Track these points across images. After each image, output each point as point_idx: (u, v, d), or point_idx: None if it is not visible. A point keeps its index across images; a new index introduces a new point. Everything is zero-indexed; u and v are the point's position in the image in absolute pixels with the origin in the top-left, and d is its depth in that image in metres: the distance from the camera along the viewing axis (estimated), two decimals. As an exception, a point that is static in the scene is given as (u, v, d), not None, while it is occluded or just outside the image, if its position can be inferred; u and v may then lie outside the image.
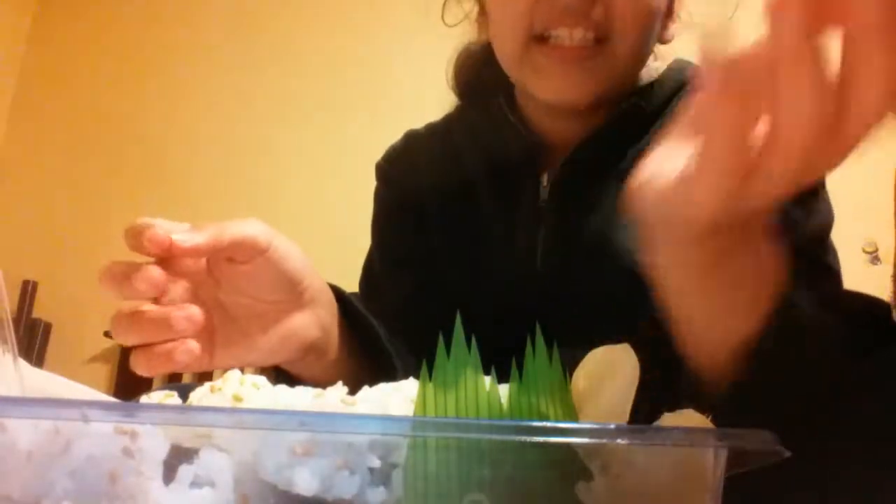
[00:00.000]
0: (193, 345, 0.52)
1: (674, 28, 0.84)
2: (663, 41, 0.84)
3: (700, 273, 0.49)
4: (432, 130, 0.93)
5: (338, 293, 0.66)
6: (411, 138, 0.94)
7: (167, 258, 0.52)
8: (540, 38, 0.73)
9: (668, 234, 0.48)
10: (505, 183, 0.82)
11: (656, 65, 0.87)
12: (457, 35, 0.91)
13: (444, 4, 0.90)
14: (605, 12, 0.69)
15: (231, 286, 0.56)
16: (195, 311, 0.51)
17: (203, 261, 0.56)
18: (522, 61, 0.75)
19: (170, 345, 0.52)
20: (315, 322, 0.61)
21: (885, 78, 0.34)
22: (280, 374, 0.64)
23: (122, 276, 0.50)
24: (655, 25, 0.77)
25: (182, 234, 0.51)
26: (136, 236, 0.51)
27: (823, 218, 0.74)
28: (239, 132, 2.76)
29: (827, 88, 0.34)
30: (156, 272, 0.50)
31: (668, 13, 0.83)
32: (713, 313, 0.52)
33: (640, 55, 0.78)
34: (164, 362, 0.52)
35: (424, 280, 0.85)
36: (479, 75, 0.89)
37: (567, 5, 0.70)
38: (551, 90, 0.75)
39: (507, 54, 0.77)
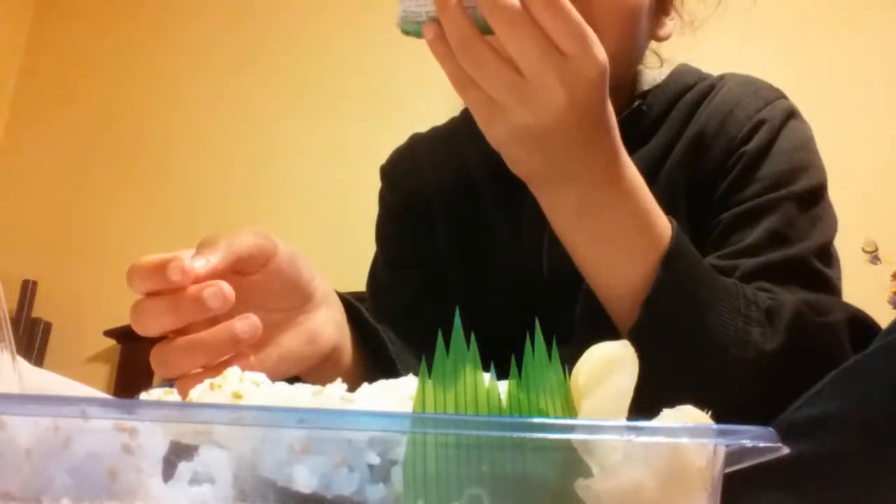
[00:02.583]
0: (255, 319, 0.50)
1: (671, 24, 0.84)
2: (658, 38, 0.83)
3: (570, 218, 0.62)
4: (437, 133, 0.94)
5: (343, 298, 0.66)
6: (416, 141, 0.94)
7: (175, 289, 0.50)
8: None
9: (526, 178, 0.62)
10: (510, 185, 0.82)
11: (662, 70, 0.87)
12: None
13: None
14: (583, 10, 0.70)
15: (243, 301, 0.54)
16: (227, 288, 0.49)
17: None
18: None
19: (227, 322, 0.50)
20: (331, 320, 0.61)
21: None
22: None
23: (155, 269, 0.48)
24: (640, 20, 0.76)
25: (199, 261, 0.50)
26: (152, 272, 0.48)
27: (825, 227, 0.74)
28: (240, 132, 2.76)
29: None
30: (187, 260, 0.49)
31: (662, 9, 0.82)
32: (596, 257, 0.63)
33: (629, 51, 0.78)
34: (225, 342, 0.49)
35: (428, 281, 0.85)
36: None
37: None
38: None
39: None
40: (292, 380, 0.59)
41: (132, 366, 2.41)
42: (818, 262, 0.70)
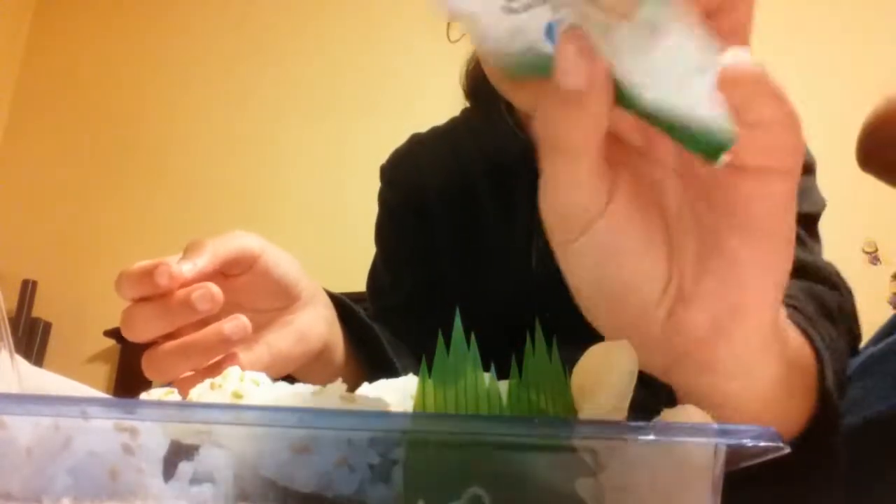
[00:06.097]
0: (244, 319, 0.50)
1: None
2: None
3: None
4: (436, 134, 0.94)
5: (335, 298, 0.66)
6: (415, 141, 0.95)
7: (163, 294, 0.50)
8: None
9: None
10: (504, 186, 0.83)
11: None
12: (461, 39, 0.91)
13: (449, 23, 0.91)
14: None
15: (231, 303, 0.55)
16: (215, 289, 0.49)
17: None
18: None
19: (216, 323, 0.50)
20: (320, 318, 0.61)
21: None
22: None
23: (142, 275, 0.48)
24: None
25: (185, 264, 0.50)
26: (140, 278, 0.49)
27: (815, 201, 0.76)
28: (240, 133, 2.76)
29: None
30: (174, 265, 0.49)
31: None
32: None
33: None
34: (215, 344, 0.49)
35: (427, 281, 0.86)
36: (482, 81, 0.90)
37: None
38: None
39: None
40: (292, 379, 0.59)
41: (132, 366, 2.41)
42: (805, 233, 0.71)
